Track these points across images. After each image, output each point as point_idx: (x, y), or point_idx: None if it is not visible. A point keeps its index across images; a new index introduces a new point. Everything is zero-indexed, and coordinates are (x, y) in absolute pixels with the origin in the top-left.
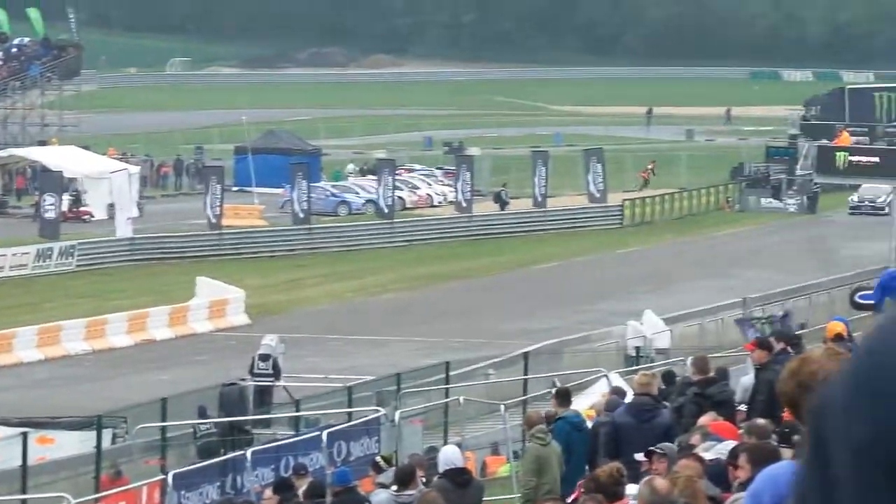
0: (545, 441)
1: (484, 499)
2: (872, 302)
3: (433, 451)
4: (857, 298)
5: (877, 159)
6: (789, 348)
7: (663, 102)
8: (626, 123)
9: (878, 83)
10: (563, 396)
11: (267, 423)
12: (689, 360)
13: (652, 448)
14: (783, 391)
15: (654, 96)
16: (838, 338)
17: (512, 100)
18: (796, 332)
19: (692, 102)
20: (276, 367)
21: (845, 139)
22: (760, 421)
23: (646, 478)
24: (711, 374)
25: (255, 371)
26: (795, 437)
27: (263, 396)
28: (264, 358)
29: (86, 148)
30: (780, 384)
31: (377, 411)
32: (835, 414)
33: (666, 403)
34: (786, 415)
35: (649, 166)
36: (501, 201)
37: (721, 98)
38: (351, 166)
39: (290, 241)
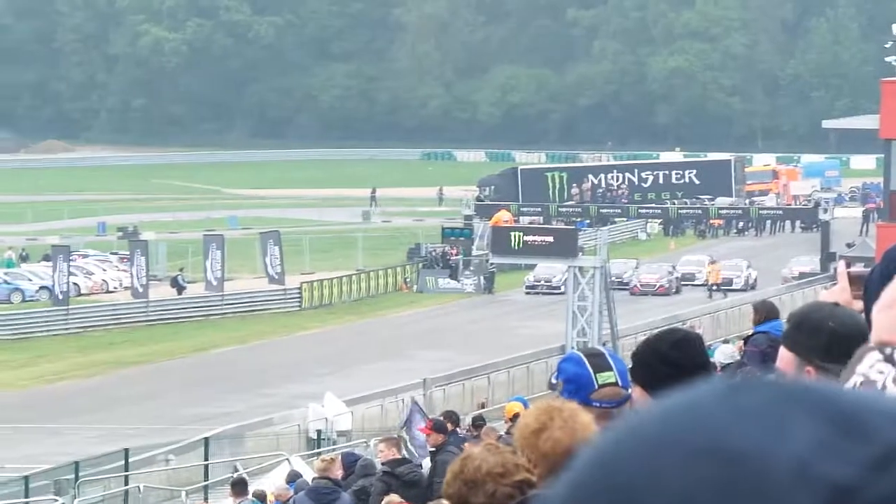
0: None
1: None
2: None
3: None
4: (552, 379)
5: (551, 238)
6: (458, 429)
7: (339, 185)
8: (303, 206)
9: (549, 163)
10: (239, 486)
11: None
12: (374, 441)
13: None
14: (450, 494)
15: (330, 178)
16: (516, 417)
17: (186, 184)
18: (478, 412)
19: (370, 185)
20: None
21: (500, 217)
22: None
23: None
24: (403, 454)
25: None
26: None
27: None
28: None
29: None
30: (446, 487)
31: (55, 501)
32: None
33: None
34: None
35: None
36: (178, 286)
37: (400, 179)
38: (9, 252)
39: None
